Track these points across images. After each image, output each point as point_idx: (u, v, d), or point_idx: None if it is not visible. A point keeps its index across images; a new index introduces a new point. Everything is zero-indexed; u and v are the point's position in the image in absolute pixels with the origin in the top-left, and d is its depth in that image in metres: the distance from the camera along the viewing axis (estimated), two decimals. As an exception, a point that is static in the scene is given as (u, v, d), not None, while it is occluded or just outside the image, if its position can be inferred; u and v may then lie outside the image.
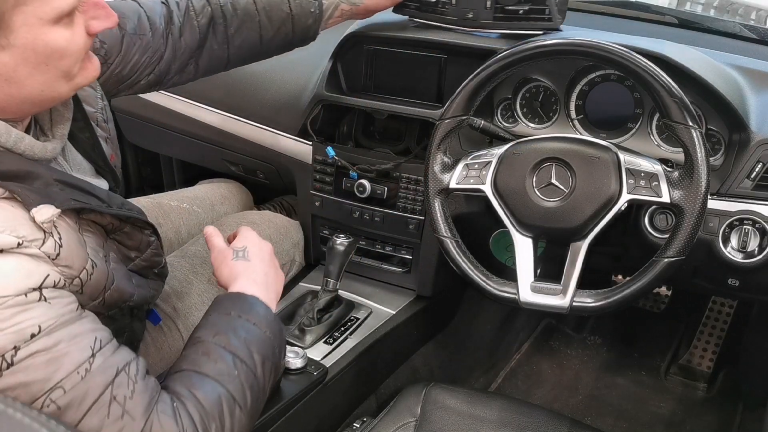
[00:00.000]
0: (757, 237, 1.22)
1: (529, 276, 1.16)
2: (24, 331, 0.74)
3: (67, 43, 0.79)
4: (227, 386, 0.89)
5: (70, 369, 0.76)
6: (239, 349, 0.93)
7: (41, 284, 0.77)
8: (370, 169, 1.52)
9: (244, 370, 0.92)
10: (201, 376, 0.89)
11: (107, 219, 0.94)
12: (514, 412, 1.20)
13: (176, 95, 1.81)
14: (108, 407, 0.77)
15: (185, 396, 0.85)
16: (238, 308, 0.99)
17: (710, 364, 2.00)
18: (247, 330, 0.96)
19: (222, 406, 0.87)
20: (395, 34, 1.48)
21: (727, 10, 2.28)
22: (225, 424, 0.87)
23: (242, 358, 0.93)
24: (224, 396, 0.88)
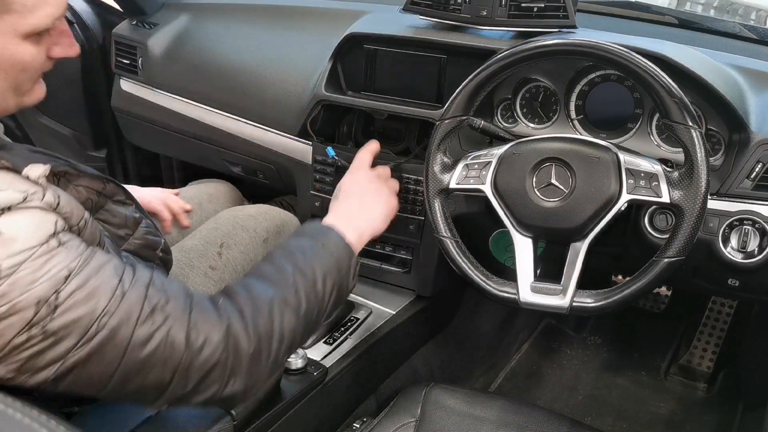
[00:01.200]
0: (757, 237, 1.22)
1: (529, 276, 1.16)
2: (58, 276, 0.79)
3: (31, 59, 0.85)
4: (282, 290, 0.97)
5: (108, 296, 0.82)
6: (301, 262, 1.02)
7: (55, 231, 0.81)
8: None
9: (303, 280, 1.00)
10: (258, 279, 0.98)
11: (83, 194, 0.97)
12: (514, 413, 1.20)
13: (176, 95, 1.82)
14: (151, 316, 0.84)
15: (238, 292, 0.94)
16: (310, 232, 1.11)
17: (710, 365, 2.00)
18: (314, 249, 1.06)
19: (273, 306, 0.94)
20: (395, 34, 1.48)
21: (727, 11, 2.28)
22: (274, 322, 0.94)
23: (302, 270, 1.01)
24: (277, 297, 0.96)
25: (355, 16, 1.60)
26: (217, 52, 1.77)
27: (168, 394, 0.87)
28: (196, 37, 1.82)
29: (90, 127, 2.15)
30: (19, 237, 0.77)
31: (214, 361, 0.87)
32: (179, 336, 0.85)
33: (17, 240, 0.76)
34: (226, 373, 0.89)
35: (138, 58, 1.87)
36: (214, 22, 1.85)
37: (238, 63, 1.72)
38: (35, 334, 0.77)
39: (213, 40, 1.80)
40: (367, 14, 1.61)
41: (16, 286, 0.76)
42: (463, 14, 1.40)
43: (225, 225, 1.51)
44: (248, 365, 0.91)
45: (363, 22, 1.56)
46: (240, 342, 0.89)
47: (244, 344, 0.90)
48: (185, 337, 0.85)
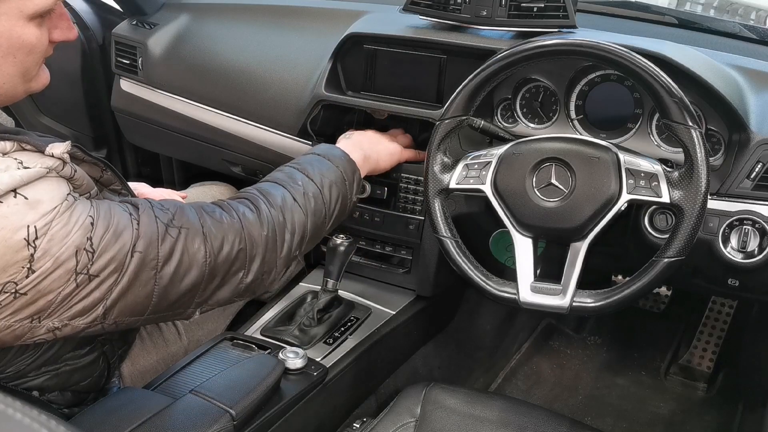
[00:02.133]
0: (757, 237, 1.22)
1: (528, 276, 1.16)
2: (85, 223, 0.87)
3: (36, 40, 0.89)
4: (291, 190, 1.14)
5: (129, 228, 0.92)
6: (309, 171, 1.20)
7: (70, 191, 0.90)
8: None
9: (311, 185, 1.18)
10: (270, 183, 1.16)
11: (85, 181, 1.00)
12: (514, 413, 1.20)
13: (176, 95, 1.81)
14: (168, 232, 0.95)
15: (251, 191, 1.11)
16: (319, 150, 1.28)
17: (710, 365, 2.00)
18: (321, 163, 1.23)
19: (285, 201, 1.12)
20: (395, 34, 1.48)
21: (726, 10, 2.28)
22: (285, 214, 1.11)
23: (311, 176, 1.18)
24: (287, 195, 1.13)
25: (355, 16, 1.60)
26: (217, 52, 1.77)
27: (201, 294, 1.00)
28: (196, 37, 1.82)
29: (90, 127, 2.15)
30: (44, 199, 0.84)
31: (235, 253, 1.01)
32: (197, 242, 0.97)
33: (43, 201, 0.84)
34: (246, 259, 1.03)
35: (138, 58, 1.87)
36: (214, 22, 1.85)
37: (238, 63, 1.72)
38: (81, 281, 0.87)
39: (213, 40, 1.80)
40: (367, 14, 1.61)
41: (53, 241, 0.83)
42: (463, 14, 1.40)
43: None
44: (264, 248, 1.05)
45: (363, 22, 1.56)
46: (253, 231, 1.04)
47: (257, 231, 1.04)
48: (203, 241, 0.98)
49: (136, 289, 0.92)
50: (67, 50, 2.02)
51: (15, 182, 0.82)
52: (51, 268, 0.84)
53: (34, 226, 0.82)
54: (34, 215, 0.82)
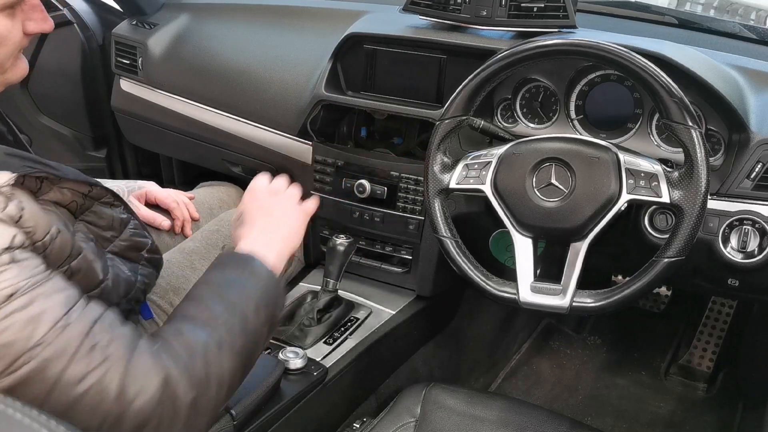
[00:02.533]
0: (757, 237, 1.22)
1: (528, 276, 1.16)
2: (1, 293, 0.75)
3: (6, 32, 0.85)
4: (216, 330, 0.89)
5: (49, 325, 0.76)
6: (230, 297, 0.94)
7: (10, 245, 0.78)
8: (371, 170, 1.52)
9: (235, 317, 0.92)
10: (189, 321, 0.90)
11: (68, 197, 0.95)
12: (514, 412, 1.20)
13: (176, 95, 1.82)
14: (89, 354, 0.78)
15: (172, 337, 0.86)
16: (232, 263, 1.01)
17: (710, 364, 2.00)
18: (241, 281, 0.97)
19: (209, 347, 0.87)
20: (395, 34, 1.48)
21: (726, 11, 2.28)
22: (211, 367, 0.87)
23: (233, 305, 0.93)
24: (212, 338, 0.88)
25: (355, 16, 1.60)
26: (217, 52, 1.77)
27: None
28: (196, 37, 1.82)
29: (90, 127, 2.15)
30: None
31: (148, 413, 0.80)
32: (114, 382, 0.78)
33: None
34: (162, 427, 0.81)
35: (138, 58, 1.87)
36: (214, 22, 1.85)
37: (238, 63, 1.72)
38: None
39: (213, 40, 1.80)
40: (367, 14, 1.61)
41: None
42: (463, 14, 1.41)
43: (227, 227, 1.51)
44: (187, 416, 0.84)
45: (363, 22, 1.56)
46: (178, 392, 0.82)
47: (181, 394, 0.83)
48: (119, 384, 0.78)
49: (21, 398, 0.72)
50: (67, 50, 2.02)
51: None
52: None
53: None
54: None
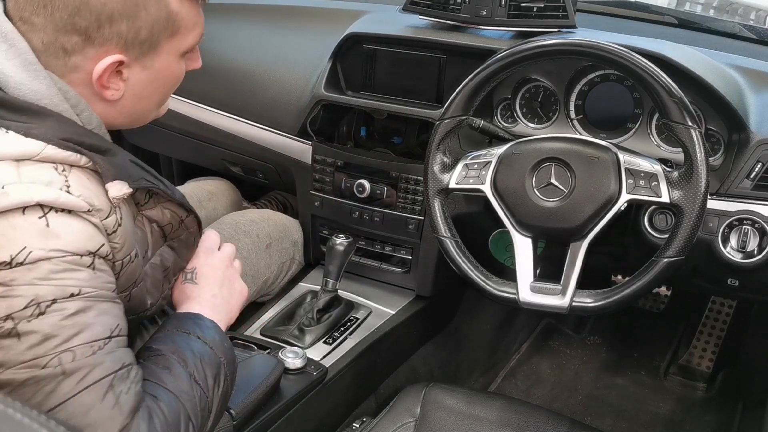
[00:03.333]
0: (757, 237, 1.22)
1: (528, 276, 1.16)
2: (66, 289, 0.78)
3: (182, 73, 0.98)
4: (185, 404, 0.89)
5: (87, 339, 0.79)
6: (196, 369, 0.93)
7: (96, 251, 0.82)
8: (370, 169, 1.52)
9: (199, 390, 0.92)
10: (165, 390, 0.89)
11: (167, 217, 0.99)
12: (514, 412, 1.20)
13: (176, 95, 1.81)
14: (105, 393, 0.79)
15: (152, 407, 0.85)
16: (195, 328, 0.99)
17: (710, 364, 2.00)
18: (203, 352, 0.96)
19: (180, 423, 0.87)
20: (395, 34, 1.48)
21: (726, 10, 2.28)
22: None
23: (198, 380, 0.93)
24: (182, 412, 0.88)
25: (354, 16, 1.60)
26: (217, 52, 1.77)
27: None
28: (195, 36, 1.82)
29: (90, 127, 2.15)
30: (63, 237, 0.79)
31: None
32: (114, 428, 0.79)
33: (60, 238, 0.79)
34: None
35: (138, 57, 1.87)
36: (214, 22, 1.85)
37: (238, 63, 1.72)
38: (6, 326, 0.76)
39: (213, 40, 1.80)
40: (367, 14, 1.61)
41: (29, 275, 0.77)
42: (463, 14, 1.41)
43: (227, 230, 1.51)
44: None
45: (362, 22, 1.56)
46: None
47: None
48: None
49: (28, 390, 0.77)
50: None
51: (47, 200, 0.78)
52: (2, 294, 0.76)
53: (30, 251, 0.76)
54: (39, 243, 0.77)
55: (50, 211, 0.79)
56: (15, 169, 0.79)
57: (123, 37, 0.85)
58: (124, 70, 0.88)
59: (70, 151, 0.82)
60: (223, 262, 1.14)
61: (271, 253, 1.56)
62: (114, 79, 0.88)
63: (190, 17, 0.93)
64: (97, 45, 0.84)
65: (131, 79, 0.90)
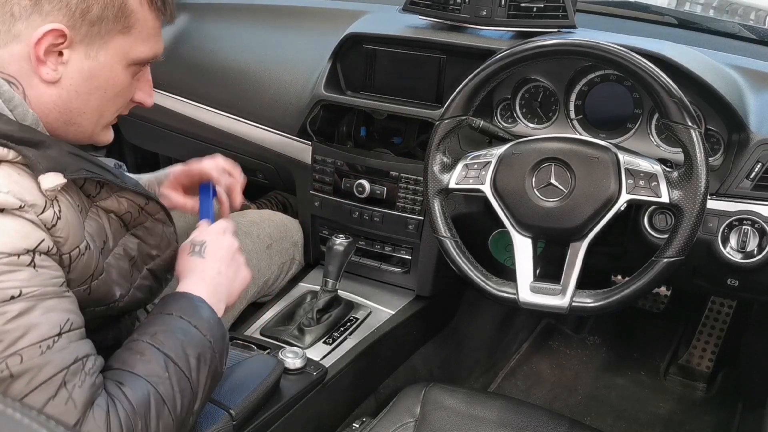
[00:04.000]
0: (756, 237, 1.22)
1: (528, 276, 1.16)
2: (5, 292, 0.76)
3: (126, 86, 0.94)
4: (157, 387, 0.87)
5: (34, 340, 0.77)
6: (174, 350, 0.91)
7: (35, 248, 0.79)
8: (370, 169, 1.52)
9: (177, 372, 0.90)
10: (132, 375, 0.87)
11: (124, 207, 0.97)
12: (514, 412, 1.20)
13: (176, 95, 1.81)
14: (57, 389, 0.78)
15: (115, 394, 0.85)
16: (181, 309, 0.97)
17: (709, 364, 2.00)
18: (186, 332, 0.94)
19: (149, 407, 0.86)
20: (395, 34, 1.48)
21: (726, 11, 2.28)
22: (150, 425, 0.85)
23: (176, 361, 0.90)
24: (153, 396, 0.86)
25: (354, 16, 1.60)
26: (217, 52, 1.77)
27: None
28: (195, 37, 1.82)
29: (89, 127, 2.15)
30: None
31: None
32: (69, 422, 0.78)
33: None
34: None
35: (137, 58, 1.87)
36: (214, 22, 1.85)
37: (238, 63, 1.72)
38: None
39: (213, 40, 1.80)
40: (367, 14, 1.61)
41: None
42: (463, 14, 1.41)
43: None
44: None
45: (362, 22, 1.56)
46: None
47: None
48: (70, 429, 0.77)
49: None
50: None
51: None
52: None
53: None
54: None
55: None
56: None
57: (72, 9, 0.83)
58: (66, 51, 0.86)
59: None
60: (234, 246, 1.13)
61: (271, 253, 1.55)
62: (52, 57, 0.86)
63: (147, 24, 0.91)
64: (44, 13, 0.83)
65: (71, 64, 0.87)
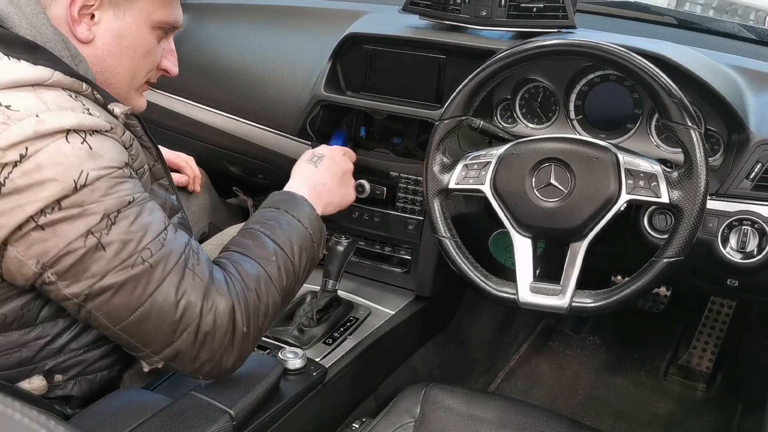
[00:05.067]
0: (756, 237, 1.22)
1: (528, 276, 1.16)
2: (124, 199, 0.90)
3: (153, 48, 1.04)
4: (266, 268, 1.05)
5: (153, 235, 0.92)
6: (281, 238, 1.09)
7: (128, 162, 0.94)
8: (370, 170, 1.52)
9: (283, 256, 1.08)
10: (244, 257, 1.05)
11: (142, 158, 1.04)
12: (514, 413, 1.20)
13: (175, 95, 1.81)
14: (183, 269, 0.94)
15: (231, 270, 1.01)
16: (286, 204, 1.16)
17: (709, 365, 2.00)
18: (291, 224, 1.13)
19: (260, 283, 1.03)
20: (394, 34, 1.48)
21: (726, 11, 2.28)
22: (261, 297, 1.02)
23: (282, 247, 1.08)
24: (263, 275, 1.04)
25: (354, 16, 1.60)
26: (217, 52, 1.77)
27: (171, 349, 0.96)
28: (195, 37, 1.82)
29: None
30: (105, 155, 0.89)
31: (217, 331, 0.96)
32: (198, 299, 0.94)
33: (104, 157, 0.88)
34: (222, 347, 0.98)
35: (137, 58, 1.87)
36: (214, 23, 1.85)
37: (238, 63, 1.72)
38: (91, 242, 0.87)
39: (212, 41, 1.80)
40: (367, 14, 1.61)
41: (94, 194, 0.87)
42: (463, 14, 1.41)
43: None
44: (241, 343, 0.99)
45: (362, 23, 1.56)
46: (237, 322, 0.98)
47: (240, 324, 0.98)
48: (201, 302, 0.94)
49: (126, 297, 0.91)
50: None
51: (81, 125, 0.87)
52: (77, 215, 0.86)
53: (87, 173, 0.86)
54: (92, 165, 0.86)
55: (86, 134, 0.87)
56: (36, 96, 0.87)
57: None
58: (96, 13, 0.96)
59: (75, 78, 0.91)
60: (347, 167, 1.38)
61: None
62: (85, 19, 0.96)
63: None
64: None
65: (102, 24, 0.97)
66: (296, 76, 1.63)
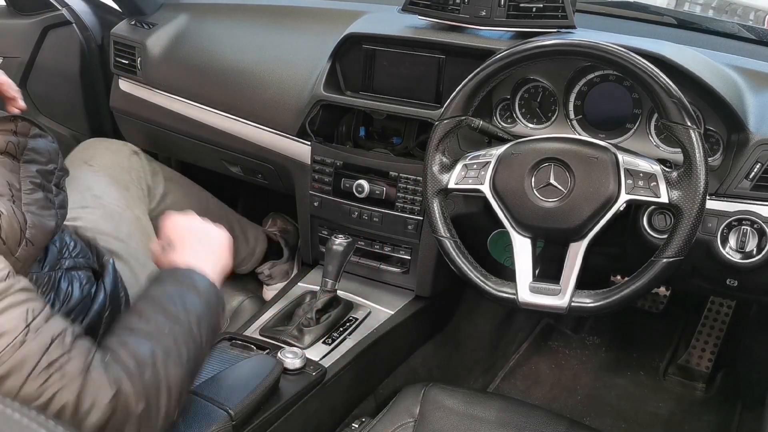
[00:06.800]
0: (756, 237, 1.22)
1: (527, 276, 1.16)
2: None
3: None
4: (161, 341, 0.92)
5: (7, 340, 0.79)
6: (173, 310, 0.96)
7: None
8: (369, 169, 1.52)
9: (178, 328, 0.95)
10: (134, 334, 0.92)
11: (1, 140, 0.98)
12: (513, 413, 1.20)
13: (175, 95, 1.81)
14: (47, 371, 0.80)
15: (117, 350, 0.88)
16: (173, 277, 1.03)
17: (709, 364, 2.00)
18: (182, 294, 0.99)
19: (156, 358, 0.90)
20: (394, 34, 1.48)
21: (725, 11, 2.29)
22: (159, 373, 0.89)
23: (176, 318, 0.95)
24: (158, 350, 0.91)
25: (354, 16, 1.60)
26: (216, 52, 1.77)
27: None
28: (194, 37, 1.82)
29: (89, 127, 2.15)
30: None
31: (103, 425, 0.83)
32: (69, 398, 0.81)
33: None
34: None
35: (137, 58, 1.87)
36: (213, 22, 1.85)
37: (237, 63, 1.72)
38: None
39: (212, 40, 1.80)
40: (366, 14, 1.61)
41: None
42: (462, 14, 1.41)
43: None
44: (138, 425, 0.86)
45: (362, 22, 1.56)
46: (129, 403, 0.85)
47: (132, 405, 0.85)
48: (74, 401, 0.81)
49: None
50: (65, 50, 2.02)
51: None
52: None
53: None
54: None
55: None
56: None
57: None
58: None
59: None
60: (190, 221, 1.16)
61: None
62: None
63: None
64: None
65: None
66: (296, 76, 1.63)
